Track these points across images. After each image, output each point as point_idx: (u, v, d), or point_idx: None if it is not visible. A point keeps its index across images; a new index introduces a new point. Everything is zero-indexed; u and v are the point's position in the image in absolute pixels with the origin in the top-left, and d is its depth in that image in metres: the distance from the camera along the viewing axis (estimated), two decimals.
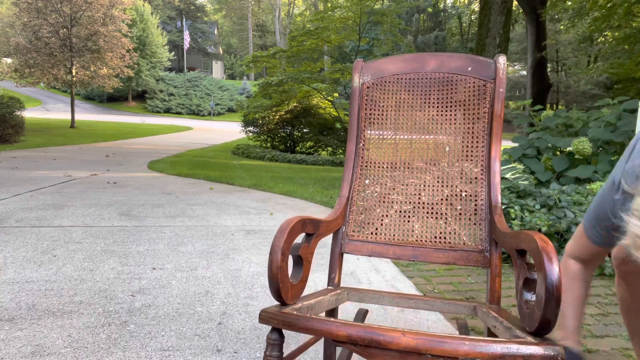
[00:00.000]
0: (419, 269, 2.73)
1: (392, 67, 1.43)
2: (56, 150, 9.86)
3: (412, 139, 1.39)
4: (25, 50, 16.77)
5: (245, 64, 14.62)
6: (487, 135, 1.32)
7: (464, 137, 1.34)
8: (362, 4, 12.11)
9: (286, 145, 14.00)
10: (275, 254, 0.92)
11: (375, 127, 1.42)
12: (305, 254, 1.05)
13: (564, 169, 3.67)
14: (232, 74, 52.64)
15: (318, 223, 1.11)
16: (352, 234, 1.34)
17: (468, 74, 1.36)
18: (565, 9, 12.78)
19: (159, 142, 14.45)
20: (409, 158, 1.38)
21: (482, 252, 1.24)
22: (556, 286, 0.78)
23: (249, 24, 53.09)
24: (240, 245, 3.05)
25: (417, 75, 1.41)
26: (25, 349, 1.58)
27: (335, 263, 1.31)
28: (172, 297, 2.11)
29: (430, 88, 1.39)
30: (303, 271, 1.04)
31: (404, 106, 1.41)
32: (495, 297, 1.18)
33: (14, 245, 2.80)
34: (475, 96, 1.34)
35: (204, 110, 35.64)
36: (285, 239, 0.93)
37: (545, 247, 0.81)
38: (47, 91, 36.67)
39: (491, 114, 1.32)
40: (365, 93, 1.44)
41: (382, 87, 1.43)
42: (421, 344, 0.76)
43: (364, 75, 1.46)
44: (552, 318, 0.80)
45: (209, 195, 4.97)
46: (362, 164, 1.41)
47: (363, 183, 1.39)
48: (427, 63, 1.41)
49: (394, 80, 1.42)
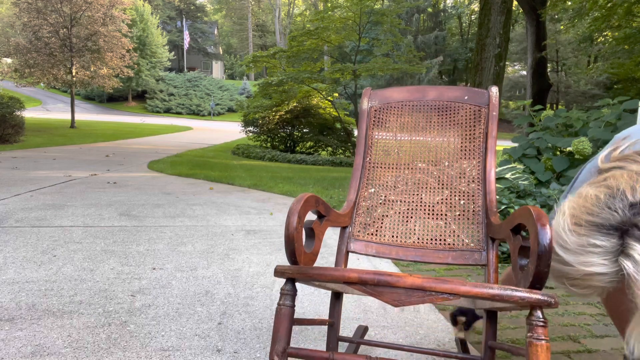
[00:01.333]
0: (419, 269, 2.73)
1: (397, 95, 1.62)
2: (56, 150, 9.86)
3: (414, 155, 1.55)
4: (25, 50, 16.77)
5: (245, 64, 14.61)
6: (483, 152, 1.48)
7: (462, 154, 1.50)
8: (362, 4, 12.11)
9: (286, 145, 13.99)
10: (292, 215, 1.01)
11: (381, 145, 1.59)
12: (317, 229, 1.14)
13: (564, 169, 3.67)
14: (232, 74, 52.64)
15: (329, 208, 1.23)
16: (358, 235, 1.46)
17: (465, 102, 1.54)
18: (565, 9, 12.77)
19: (159, 142, 14.45)
20: (412, 172, 1.53)
21: (480, 251, 1.34)
22: (548, 239, 0.84)
23: (249, 24, 53.10)
24: (240, 245, 3.05)
25: (419, 103, 1.60)
26: (25, 349, 1.58)
27: (341, 260, 1.42)
28: (172, 297, 2.11)
29: (431, 113, 1.57)
30: (315, 245, 1.13)
31: (407, 127, 1.58)
32: None
33: (14, 245, 2.80)
34: (471, 119, 1.52)
35: (204, 110, 35.64)
36: (302, 205, 1.03)
37: (535, 209, 0.88)
38: (47, 91, 36.68)
39: (486, 134, 1.49)
40: (372, 115, 1.63)
41: (388, 111, 1.62)
42: (425, 282, 0.84)
43: (372, 100, 1.64)
44: (545, 269, 0.84)
45: (209, 195, 4.97)
46: (369, 175, 1.57)
47: (369, 191, 1.54)
48: (427, 94, 1.60)
49: (398, 106, 1.61)
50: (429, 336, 1.83)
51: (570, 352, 1.72)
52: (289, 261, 1.04)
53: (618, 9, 9.36)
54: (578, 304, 2.22)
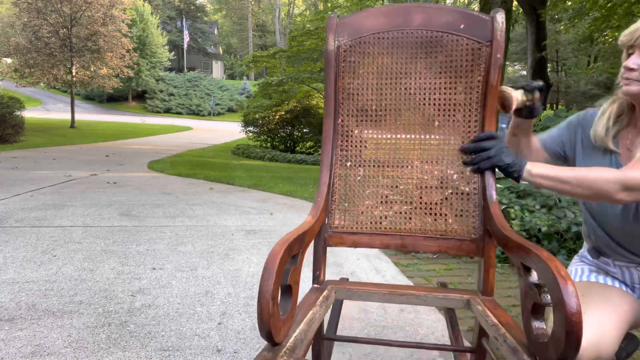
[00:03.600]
0: (419, 268, 2.73)
1: (371, 22, 1.24)
2: (56, 150, 9.86)
3: (397, 113, 1.23)
4: (25, 50, 16.78)
5: (245, 64, 14.63)
6: (481, 108, 1.18)
7: (455, 110, 1.19)
8: (362, 4, 12.11)
9: (286, 145, 13.99)
10: (264, 299, 0.81)
11: (354, 99, 1.24)
12: (294, 279, 0.93)
13: None
14: (232, 74, 52.65)
15: (303, 236, 0.97)
16: (336, 225, 1.21)
17: (460, 33, 1.19)
18: (565, 9, 12.77)
19: (159, 142, 14.45)
20: (395, 136, 1.23)
21: (474, 241, 1.15)
22: (578, 328, 0.71)
23: (249, 24, 53.10)
24: (240, 245, 3.05)
25: (400, 34, 1.22)
26: (25, 349, 1.58)
27: (320, 260, 1.20)
28: (172, 297, 2.11)
29: (417, 50, 1.22)
30: (292, 298, 0.92)
31: (386, 73, 1.23)
32: (488, 289, 1.13)
33: (14, 245, 2.80)
34: (468, 62, 1.18)
35: (204, 110, 35.63)
36: (275, 280, 0.82)
37: (564, 283, 0.72)
38: (47, 91, 36.66)
39: (486, 83, 1.17)
40: (342, 58, 1.24)
41: (361, 49, 1.24)
42: None
43: (339, 35, 1.25)
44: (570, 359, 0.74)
45: (209, 195, 4.97)
46: (342, 144, 1.25)
47: (345, 166, 1.24)
48: (412, 17, 1.22)
49: (374, 41, 1.23)
50: (428, 336, 1.83)
51: None
52: (265, 340, 0.84)
53: (618, 9, 9.36)
54: None
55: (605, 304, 1.07)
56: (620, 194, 1.01)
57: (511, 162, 1.08)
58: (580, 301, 0.71)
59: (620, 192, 1.01)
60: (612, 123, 1.14)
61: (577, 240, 2.74)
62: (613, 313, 1.04)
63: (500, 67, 1.16)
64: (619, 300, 1.10)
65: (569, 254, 2.74)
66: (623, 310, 1.07)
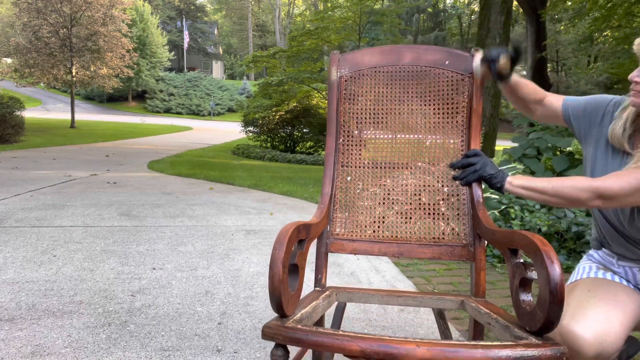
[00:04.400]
0: (419, 269, 2.73)
1: (369, 59, 1.41)
2: (56, 150, 9.86)
3: (392, 134, 1.38)
4: (25, 50, 16.78)
5: (245, 64, 14.63)
6: (467, 129, 1.32)
7: (444, 131, 1.34)
8: (362, 4, 12.12)
9: (286, 145, 13.99)
10: (276, 267, 0.88)
11: (354, 122, 1.40)
12: (301, 261, 1.02)
13: (564, 169, 3.67)
14: (232, 74, 52.64)
15: (309, 227, 1.08)
16: (337, 233, 1.32)
17: (445, 68, 1.35)
18: (565, 9, 12.77)
19: (159, 142, 14.45)
20: (390, 153, 1.37)
21: (466, 246, 1.25)
22: (560, 289, 0.78)
23: (249, 24, 53.10)
24: (240, 245, 3.05)
25: (394, 69, 1.39)
26: (25, 349, 1.58)
27: (322, 264, 1.29)
28: (172, 297, 2.11)
29: (408, 81, 1.38)
30: (299, 279, 1.01)
31: (382, 100, 1.39)
32: (480, 291, 1.20)
33: (14, 245, 2.80)
34: (453, 90, 1.34)
35: (204, 110, 35.64)
36: (285, 250, 0.90)
37: (546, 250, 0.81)
38: (47, 91, 36.66)
39: (469, 107, 1.31)
40: (343, 87, 1.41)
41: (360, 80, 1.40)
42: (436, 355, 0.75)
43: (341, 68, 1.42)
44: (555, 320, 0.80)
45: (209, 195, 4.97)
46: (343, 161, 1.38)
47: (345, 180, 1.37)
48: (403, 56, 1.39)
49: (371, 74, 1.40)
50: (428, 336, 1.83)
51: None
52: (275, 311, 0.92)
53: (618, 9, 9.36)
54: None
55: (612, 300, 1.07)
56: (595, 201, 1.06)
57: (494, 174, 1.19)
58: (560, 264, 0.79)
59: (595, 200, 1.06)
60: (629, 124, 1.15)
61: (577, 240, 2.74)
62: (619, 309, 1.05)
63: (481, 94, 1.32)
64: (626, 297, 1.10)
65: (569, 254, 2.74)
66: (629, 308, 1.08)
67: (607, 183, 1.04)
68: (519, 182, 1.16)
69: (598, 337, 0.97)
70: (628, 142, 1.15)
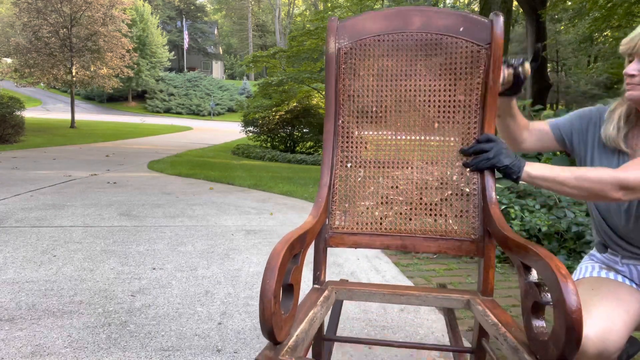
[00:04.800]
0: (419, 269, 2.73)
1: (372, 25, 1.24)
2: (56, 150, 9.86)
3: (397, 114, 1.23)
4: (25, 50, 16.79)
5: (245, 64, 14.63)
6: (481, 110, 1.19)
7: (455, 111, 1.20)
8: (362, 4, 12.12)
9: (286, 145, 14.00)
10: (266, 298, 0.81)
11: (355, 100, 1.25)
12: (296, 278, 0.94)
13: None
14: (232, 74, 52.64)
15: (304, 236, 0.98)
16: (336, 226, 1.22)
17: (459, 36, 1.20)
18: (565, 9, 12.78)
19: (159, 142, 14.45)
20: (395, 136, 1.23)
21: (474, 241, 1.16)
22: (578, 325, 0.71)
23: (249, 24, 53.10)
24: (240, 245, 3.05)
25: (401, 37, 1.22)
26: (25, 349, 1.58)
27: (320, 260, 1.21)
28: (172, 297, 2.11)
29: (417, 52, 1.22)
30: (293, 297, 0.93)
31: (387, 75, 1.24)
32: (488, 289, 1.14)
33: (14, 245, 2.80)
34: (467, 64, 1.19)
35: (204, 110, 35.64)
36: (277, 278, 0.81)
37: (564, 281, 0.73)
38: (47, 91, 36.66)
39: (485, 85, 1.17)
40: (342, 60, 1.25)
41: (362, 52, 1.25)
42: None
43: (340, 38, 1.25)
44: (570, 357, 0.75)
45: (209, 195, 4.97)
46: (343, 145, 1.25)
47: (345, 167, 1.25)
48: (412, 20, 1.22)
49: (374, 43, 1.24)
50: (428, 336, 1.83)
51: None
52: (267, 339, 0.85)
53: (618, 9, 9.36)
54: None
55: (614, 299, 1.07)
56: (617, 193, 1.02)
57: (510, 164, 1.09)
58: (580, 299, 0.72)
59: (617, 192, 1.02)
60: (622, 123, 1.15)
61: (577, 240, 2.74)
62: (622, 309, 1.05)
63: (499, 67, 1.16)
64: (629, 297, 1.10)
65: (569, 254, 2.74)
66: (632, 308, 1.07)
67: (630, 174, 1.00)
68: (538, 172, 1.09)
69: (600, 335, 0.97)
70: (623, 141, 1.14)
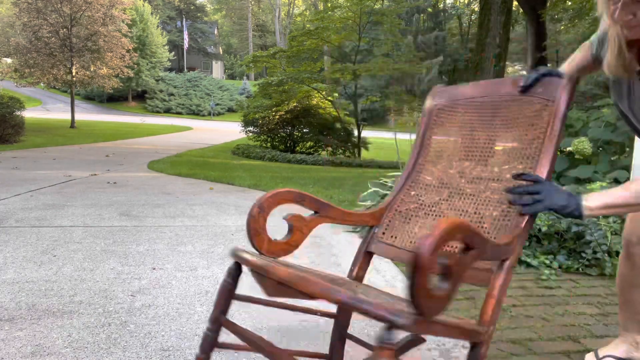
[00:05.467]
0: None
1: (469, 91, 1.46)
2: (56, 150, 9.86)
3: (466, 158, 1.39)
4: (25, 50, 16.78)
5: (245, 64, 14.65)
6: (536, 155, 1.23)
7: (514, 157, 1.28)
8: (362, 4, 12.12)
9: (286, 145, 13.99)
10: (253, 206, 1.12)
11: (434, 146, 1.47)
12: (298, 224, 1.17)
13: (564, 169, 3.67)
14: (232, 74, 52.64)
15: (324, 205, 1.23)
16: (381, 236, 1.40)
17: (535, 95, 1.30)
18: (565, 9, 12.78)
19: (159, 142, 14.45)
20: (459, 176, 1.37)
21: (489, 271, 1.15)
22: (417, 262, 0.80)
23: (249, 24, 53.11)
24: (240, 245, 3.05)
25: (490, 99, 1.40)
26: (25, 349, 1.58)
27: (358, 258, 1.40)
28: (172, 297, 2.11)
29: (499, 110, 1.37)
30: (292, 237, 1.17)
31: (466, 127, 1.43)
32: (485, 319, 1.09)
33: (14, 245, 2.80)
34: (534, 116, 1.29)
35: (204, 110, 35.64)
36: (268, 197, 1.11)
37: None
38: (47, 91, 36.65)
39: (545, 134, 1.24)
40: (435, 114, 1.50)
41: (453, 109, 1.47)
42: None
43: (438, 97, 1.52)
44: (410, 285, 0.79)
45: (209, 195, 4.97)
46: (415, 178, 1.47)
47: (409, 194, 1.45)
48: (504, 87, 1.38)
49: (466, 103, 1.45)
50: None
51: (570, 352, 1.72)
52: (250, 244, 1.14)
53: None
54: (578, 304, 2.22)
55: None
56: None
57: (566, 204, 1.07)
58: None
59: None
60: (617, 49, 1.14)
61: (577, 240, 2.74)
62: None
63: (563, 122, 1.23)
64: None
65: (569, 254, 2.74)
66: None
67: None
68: (598, 203, 1.06)
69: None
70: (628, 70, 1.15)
